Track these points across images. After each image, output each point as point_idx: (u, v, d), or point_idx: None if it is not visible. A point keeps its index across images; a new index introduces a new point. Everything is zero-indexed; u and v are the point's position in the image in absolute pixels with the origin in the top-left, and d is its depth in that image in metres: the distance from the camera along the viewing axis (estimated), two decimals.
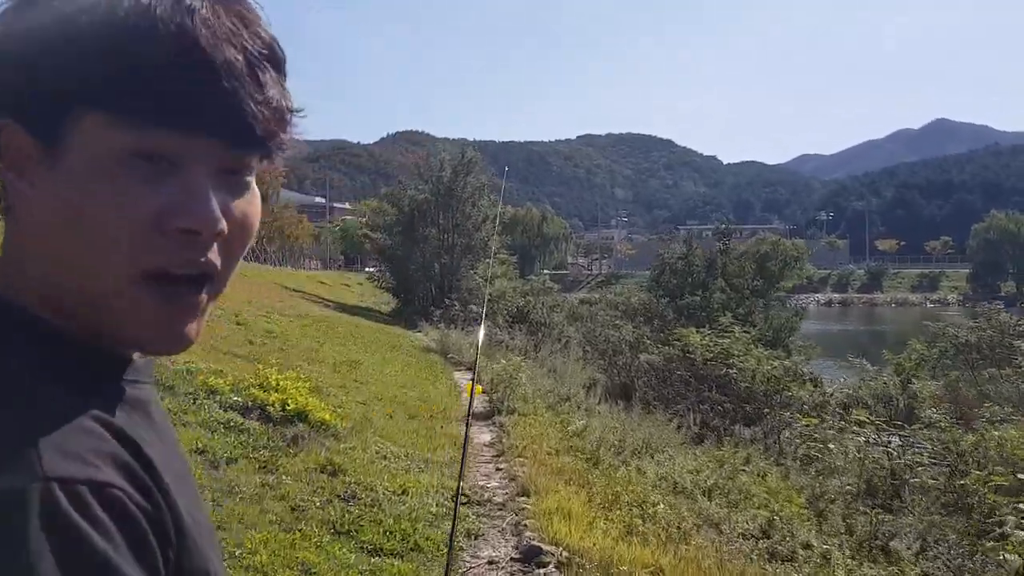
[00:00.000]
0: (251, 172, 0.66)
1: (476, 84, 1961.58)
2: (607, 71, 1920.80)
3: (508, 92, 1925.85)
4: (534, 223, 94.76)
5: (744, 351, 12.45)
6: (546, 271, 75.60)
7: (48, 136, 0.59)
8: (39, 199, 0.61)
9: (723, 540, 5.64)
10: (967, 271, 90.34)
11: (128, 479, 0.56)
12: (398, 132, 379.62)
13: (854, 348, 21.95)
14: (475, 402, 9.85)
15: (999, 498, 6.98)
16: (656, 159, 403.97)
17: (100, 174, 0.59)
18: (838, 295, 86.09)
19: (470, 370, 13.07)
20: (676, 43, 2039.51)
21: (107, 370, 0.65)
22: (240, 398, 6.47)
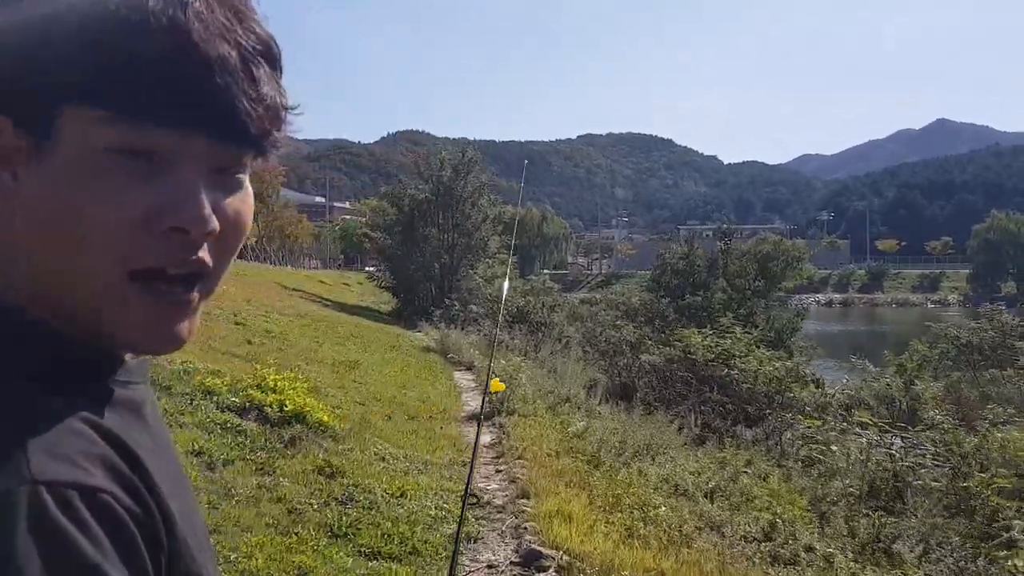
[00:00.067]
0: (245, 170, 0.65)
1: (476, 84, 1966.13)
2: (607, 71, 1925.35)
3: (508, 92, 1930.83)
4: (534, 223, 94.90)
5: (746, 352, 12.41)
6: (546, 271, 75.71)
7: (35, 132, 0.58)
8: (25, 195, 0.59)
9: (725, 543, 5.59)
10: (968, 271, 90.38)
11: (118, 482, 0.56)
12: (399, 132, 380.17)
13: (855, 349, 21.91)
14: (474, 403, 9.86)
15: (1002, 500, 6.94)
16: (657, 159, 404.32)
17: (88, 171, 0.58)
18: (839, 295, 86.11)
19: (470, 370, 13.04)
20: (676, 43, 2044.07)
21: (98, 371, 0.64)
22: (237, 399, 6.41)
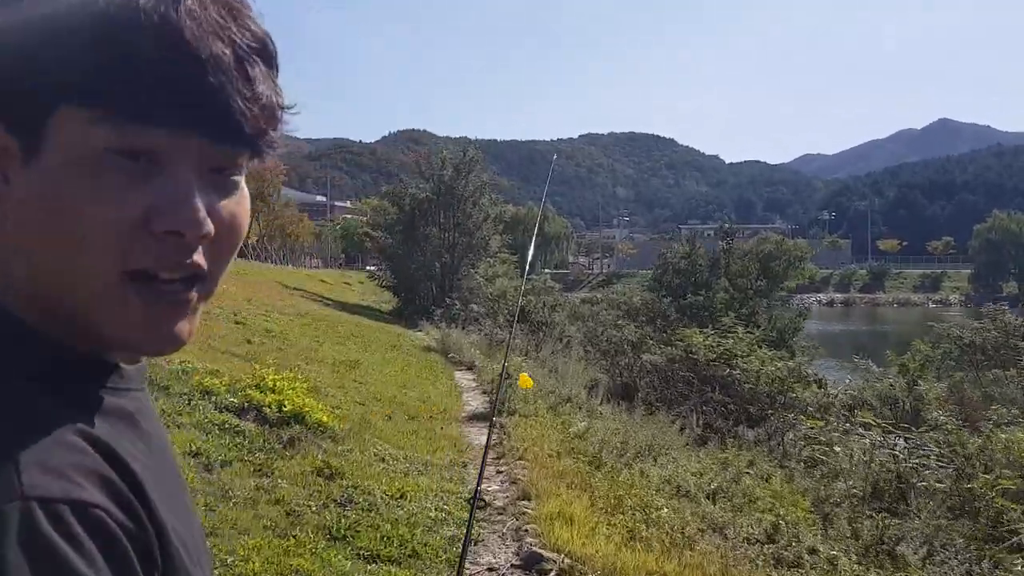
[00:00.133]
0: (240, 171, 0.63)
1: (477, 83, 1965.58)
2: (607, 70, 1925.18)
3: (509, 91, 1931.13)
4: (535, 222, 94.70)
5: (748, 352, 12.35)
6: (547, 270, 75.58)
7: (26, 133, 0.57)
8: (18, 197, 0.58)
9: (728, 545, 5.53)
10: (969, 271, 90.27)
11: (111, 497, 0.55)
12: (400, 131, 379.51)
13: (857, 349, 21.83)
14: (475, 403, 9.82)
15: (1007, 502, 6.89)
16: (658, 158, 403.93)
17: (80, 172, 0.56)
18: (840, 295, 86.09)
19: (470, 369, 12.99)
20: (676, 43, 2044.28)
21: (92, 378, 0.63)
22: (236, 399, 6.36)
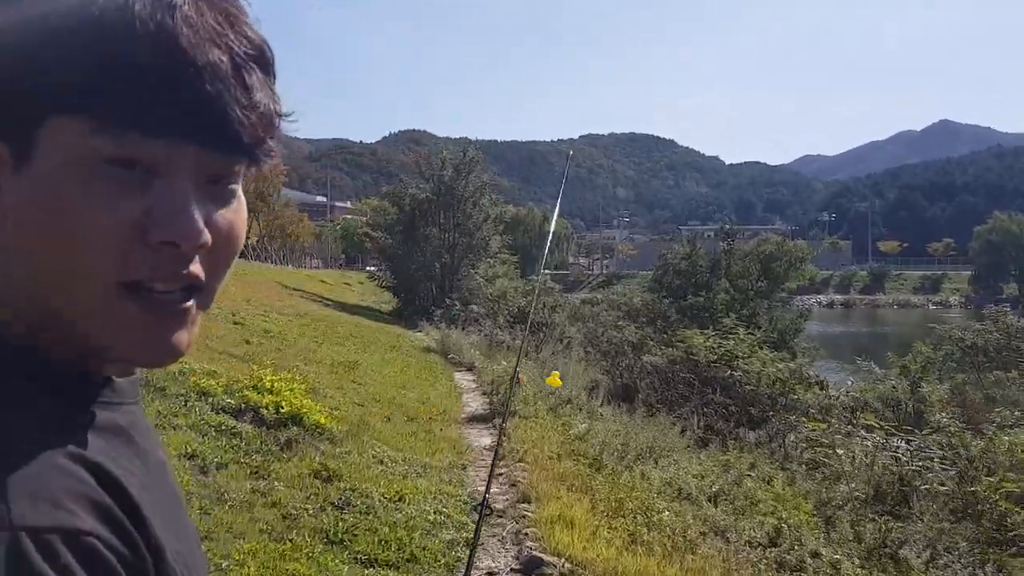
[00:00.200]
0: (237, 180, 0.62)
1: (477, 82, 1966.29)
2: (608, 68, 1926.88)
3: (509, 90, 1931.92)
4: (535, 223, 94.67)
5: (749, 353, 12.30)
6: (547, 271, 75.53)
7: (17, 140, 0.56)
8: (8, 203, 0.56)
9: (730, 549, 5.47)
10: (969, 273, 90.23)
11: (105, 523, 0.53)
12: (400, 131, 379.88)
13: (858, 350, 21.79)
14: (475, 404, 9.76)
15: (1011, 505, 6.83)
16: (658, 159, 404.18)
17: (74, 182, 0.55)
18: (840, 296, 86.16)
19: (470, 370, 12.94)
20: (676, 41, 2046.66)
21: (84, 394, 0.61)
22: (233, 400, 6.29)
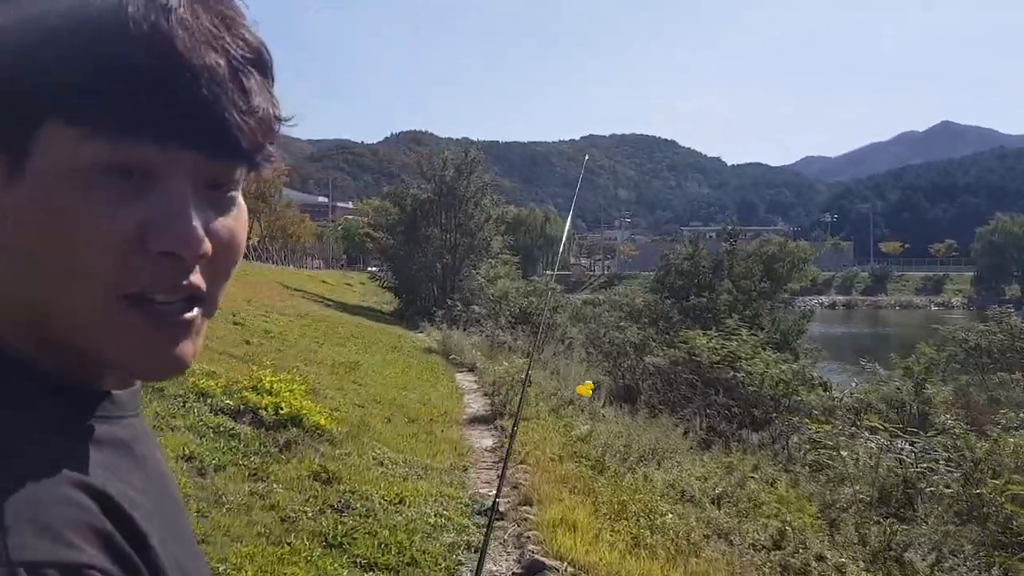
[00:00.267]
0: (237, 186, 0.60)
1: (476, 83, 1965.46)
2: (606, 69, 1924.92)
3: (508, 91, 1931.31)
4: (537, 224, 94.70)
5: (752, 354, 12.24)
6: (549, 272, 75.44)
7: (10, 147, 0.54)
8: (4, 215, 0.55)
9: (734, 552, 5.41)
10: (971, 274, 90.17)
11: (108, 554, 0.51)
12: (402, 132, 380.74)
13: (860, 351, 21.72)
14: (476, 405, 9.70)
15: (1016, 508, 6.76)
16: (660, 160, 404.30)
17: (68, 190, 0.53)
18: (842, 297, 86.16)
19: (472, 371, 12.88)
20: (674, 42, 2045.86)
21: (83, 410, 0.60)
22: (232, 401, 6.23)
